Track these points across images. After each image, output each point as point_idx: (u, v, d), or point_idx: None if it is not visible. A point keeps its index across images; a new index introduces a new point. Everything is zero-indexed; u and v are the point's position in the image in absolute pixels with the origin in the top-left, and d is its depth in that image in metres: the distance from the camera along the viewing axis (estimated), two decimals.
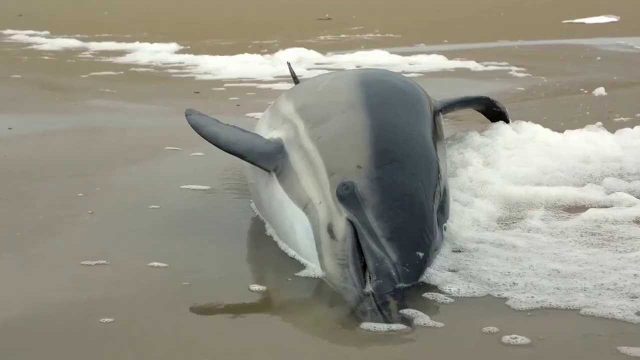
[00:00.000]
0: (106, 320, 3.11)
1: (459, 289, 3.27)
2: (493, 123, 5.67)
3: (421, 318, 3.05)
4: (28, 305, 3.30)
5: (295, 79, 6.42)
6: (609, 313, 3.05)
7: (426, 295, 3.25)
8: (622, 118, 7.19)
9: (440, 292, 3.27)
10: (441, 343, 2.90)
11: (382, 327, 3.00)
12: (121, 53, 15.50)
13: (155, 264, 3.76)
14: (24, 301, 3.35)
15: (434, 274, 3.38)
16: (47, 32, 20.70)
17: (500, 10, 31.29)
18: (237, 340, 2.96)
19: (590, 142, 5.47)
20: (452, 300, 3.21)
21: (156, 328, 3.06)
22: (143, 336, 3.00)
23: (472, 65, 12.62)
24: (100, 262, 3.79)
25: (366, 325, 3.02)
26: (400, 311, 3.09)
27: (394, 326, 2.99)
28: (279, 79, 11.20)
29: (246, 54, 13.87)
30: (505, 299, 3.19)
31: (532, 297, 3.18)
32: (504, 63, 12.82)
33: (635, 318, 3.00)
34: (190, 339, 2.97)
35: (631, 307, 3.07)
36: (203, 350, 2.89)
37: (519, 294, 3.21)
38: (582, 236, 3.90)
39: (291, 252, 3.77)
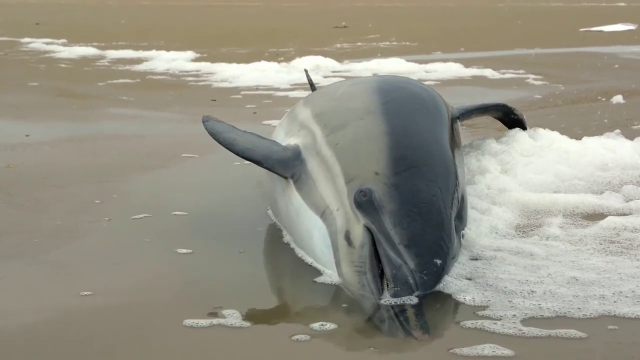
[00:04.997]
0: (123, 325, 3.12)
1: (473, 298, 3.25)
2: (510, 130, 5.65)
3: (439, 326, 3.04)
4: (46, 310, 3.31)
5: (312, 86, 6.42)
6: (628, 321, 3.02)
7: (444, 303, 3.24)
8: None
9: (457, 300, 3.26)
10: (460, 350, 2.88)
11: (400, 334, 2.99)
12: (138, 61, 15.55)
13: (172, 269, 3.76)
14: (41, 306, 3.35)
15: (451, 281, 3.36)
16: (64, 40, 20.80)
17: (517, 19, 31.24)
18: (253, 346, 2.95)
19: (608, 149, 5.44)
20: (471, 307, 3.19)
21: (171, 334, 3.05)
22: (158, 345, 3.00)
23: (489, 73, 12.60)
24: (117, 268, 3.80)
25: (383, 332, 3.01)
26: (418, 319, 3.07)
27: (412, 334, 2.97)
28: (296, 86, 11.22)
29: (263, 62, 13.90)
30: (523, 306, 3.17)
31: (550, 305, 3.16)
32: (521, 71, 12.79)
33: None
34: (205, 344, 2.96)
35: None
36: (219, 356, 2.89)
37: (536, 302, 3.18)
38: (600, 244, 3.88)
39: (308, 259, 3.76)
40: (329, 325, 3.09)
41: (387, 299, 3.21)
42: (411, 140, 3.75)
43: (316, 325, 3.09)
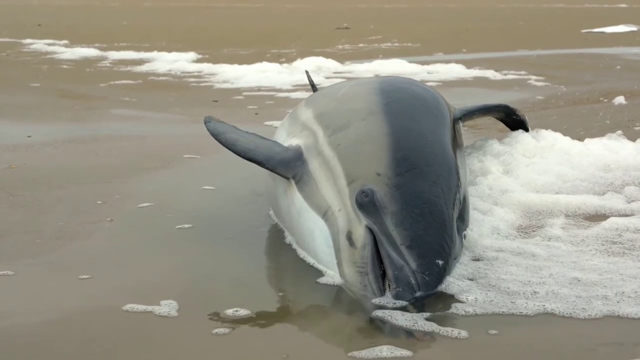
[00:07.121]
0: (125, 326, 3.12)
1: (476, 298, 3.24)
2: (512, 131, 5.64)
3: (440, 326, 3.04)
4: (48, 311, 3.31)
5: (313, 87, 6.41)
6: (630, 321, 3.02)
7: (445, 303, 3.23)
8: None
9: (459, 300, 3.25)
10: (461, 352, 2.88)
11: (401, 335, 2.98)
12: (140, 62, 15.57)
13: (174, 270, 3.76)
14: (43, 307, 3.35)
15: (453, 282, 3.36)
16: (66, 42, 20.83)
17: (519, 20, 31.26)
18: (255, 347, 2.95)
19: (610, 150, 5.44)
20: (472, 308, 3.18)
21: (177, 337, 3.05)
22: (161, 346, 2.99)
23: (490, 74, 12.62)
24: (119, 268, 3.80)
25: (384, 333, 3.01)
26: (419, 319, 3.06)
27: (413, 334, 2.97)
28: (297, 87, 11.24)
29: (265, 63, 13.92)
30: (524, 307, 3.16)
31: (555, 305, 3.16)
32: (522, 72, 12.80)
33: None
34: (208, 345, 2.96)
35: None
36: (222, 356, 2.88)
37: (540, 303, 3.18)
38: (602, 245, 3.87)
39: (310, 260, 3.76)
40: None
41: (388, 300, 3.21)
42: (413, 141, 3.74)
43: (316, 325, 3.09)
